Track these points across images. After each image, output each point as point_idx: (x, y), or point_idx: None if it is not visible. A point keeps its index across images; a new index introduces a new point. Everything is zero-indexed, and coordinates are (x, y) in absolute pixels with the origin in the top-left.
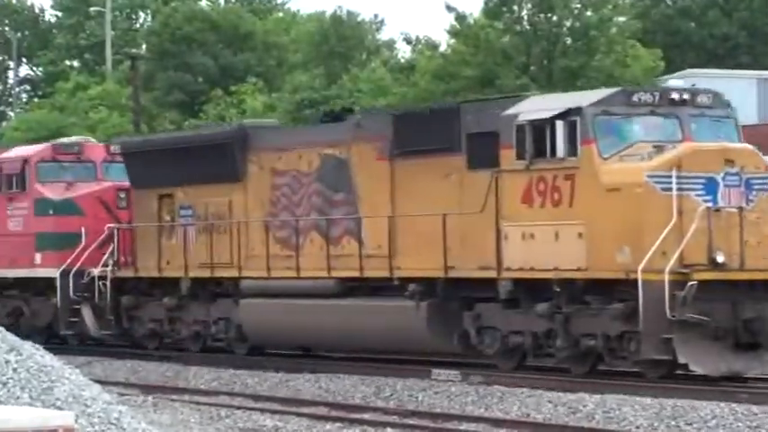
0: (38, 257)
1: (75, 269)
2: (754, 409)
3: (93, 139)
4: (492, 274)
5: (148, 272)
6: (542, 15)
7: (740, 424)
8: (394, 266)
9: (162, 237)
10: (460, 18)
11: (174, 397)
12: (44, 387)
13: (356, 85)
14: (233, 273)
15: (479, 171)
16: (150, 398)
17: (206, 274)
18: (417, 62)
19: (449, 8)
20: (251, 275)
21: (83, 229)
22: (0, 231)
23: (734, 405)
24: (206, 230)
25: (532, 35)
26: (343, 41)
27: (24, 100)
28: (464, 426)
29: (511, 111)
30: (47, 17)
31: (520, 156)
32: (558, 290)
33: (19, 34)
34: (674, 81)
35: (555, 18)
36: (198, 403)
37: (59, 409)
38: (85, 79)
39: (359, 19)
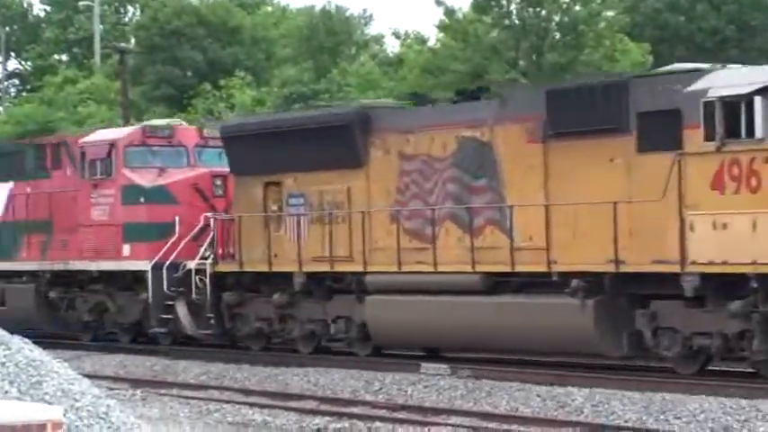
0: (126, 249)
1: (168, 262)
2: (743, 402)
3: (183, 122)
4: (673, 268)
5: (255, 266)
6: (531, 10)
7: (729, 418)
8: (551, 260)
9: (268, 228)
10: (449, 12)
11: (163, 391)
12: (33, 381)
13: (345, 80)
14: (356, 267)
15: (653, 154)
16: (139, 392)
17: (324, 268)
18: (406, 56)
19: (438, 2)
20: (378, 270)
21: (176, 219)
22: (82, 221)
23: (722, 399)
24: (320, 221)
25: (521, 30)
26: (332, 36)
27: (13, 94)
28: (453, 420)
29: (697, 86)
30: (35, 11)
31: (708, 137)
32: (756, 286)
33: (7, 28)
34: None
35: (544, 12)
36: (187, 397)
37: (48, 403)
38: (74, 73)
39: (348, 13)
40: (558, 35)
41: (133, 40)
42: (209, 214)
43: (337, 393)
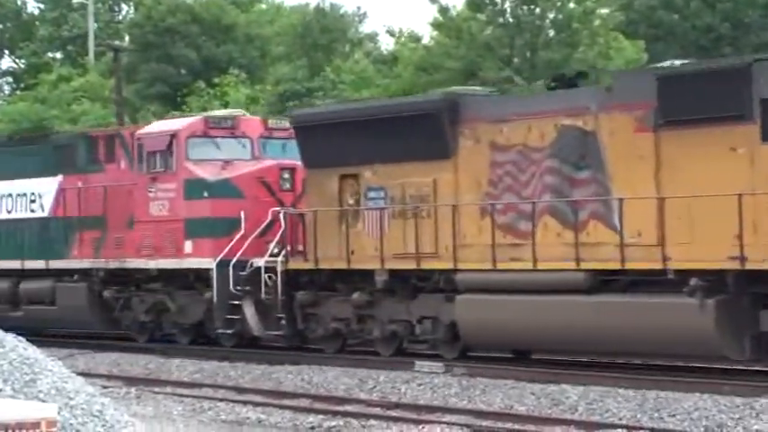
0: (188, 246)
1: (235, 259)
2: (737, 400)
3: (245, 112)
4: None
5: (332, 263)
6: (525, 7)
7: (723, 416)
8: (666, 257)
9: (344, 223)
10: (443, 10)
11: (157, 389)
12: (27, 380)
13: (339, 77)
14: (445, 264)
15: None
16: (133, 390)
17: (409, 265)
18: (400, 54)
19: (432, 0)
20: (470, 267)
21: (242, 214)
22: (140, 217)
23: (717, 397)
24: (403, 216)
25: (515, 27)
26: (327, 34)
27: (7, 92)
28: (447, 418)
29: None
30: (29, 9)
31: None
32: None
33: (1, 26)
34: None
35: (538, 10)
36: (181, 395)
37: (42, 401)
38: (68, 71)
39: (342, 11)
40: (552, 33)
41: (127, 38)
42: (278, 209)
43: (331, 391)
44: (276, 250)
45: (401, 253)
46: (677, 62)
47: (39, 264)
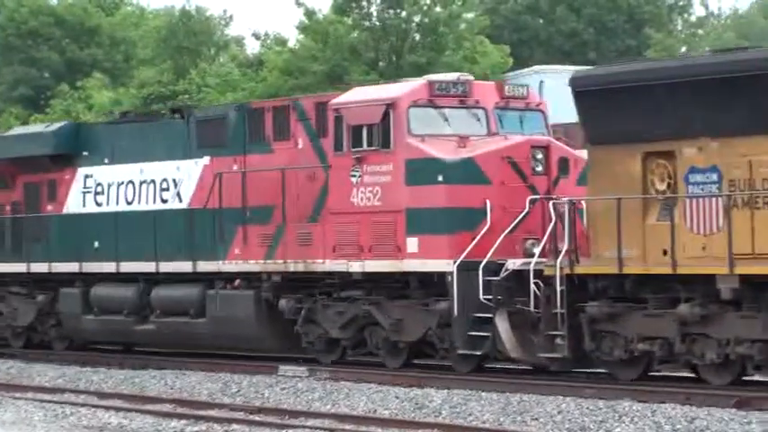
0: (411, 244)
1: (486, 261)
2: (600, 403)
3: (470, 76)
4: None
5: (646, 267)
6: (391, 11)
7: (586, 419)
8: None
9: (651, 215)
10: (310, 14)
11: (18, 395)
12: None
13: (204, 81)
14: None
15: None
16: None
17: (764, 270)
18: (266, 58)
19: (298, 4)
20: None
21: (487, 204)
22: (336, 207)
23: (580, 400)
24: (751, 205)
25: (381, 31)
26: (192, 37)
27: None
28: (311, 422)
29: None
30: None
31: None
32: None
33: None
34: None
35: (404, 14)
36: (42, 401)
37: None
38: None
39: (208, 14)
40: (418, 36)
41: None
42: (536, 197)
43: (194, 396)
44: (536, 250)
45: (748, 254)
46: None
47: (182, 266)
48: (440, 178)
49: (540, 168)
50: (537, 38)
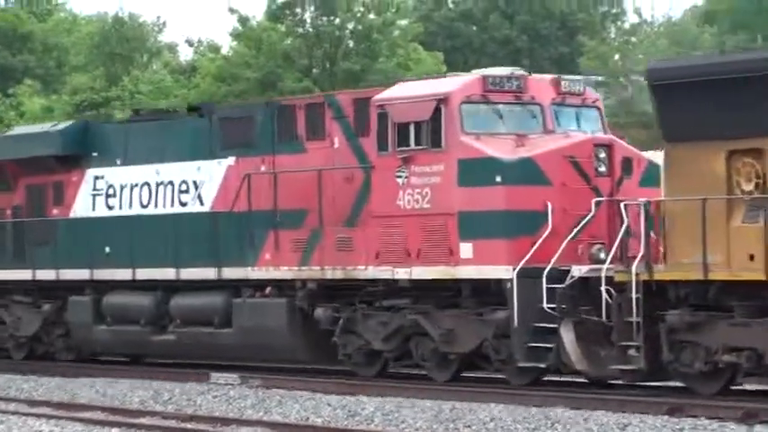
0: (465, 249)
1: (549, 267)
2: (533, 410)
3: (522, 70)
4: None
5: (731, 270)
6: (325, 18)
7: (519, 426)
8: None
9: (737, 218)
10: (243, 20)
11: None
12: None
13: (137, 87)
14: None
15: None
16: None
17: None
18: (199, 64)
19: (231, 10)
20: None
21: (549, 206)
22: (381, 210)
23: (512, 407)
24: None
25: (315, 38)
26: (125, 43)
27: None
28: (243, 429)
29: None
30: None
31: None
32: None
33: None
34: None
35: (338, 21)
36: None
37: None
38: None
39: (141, 20)
40: (351, 43)
41: None
42: (600, 199)
43: (126, 404)
44: (603, 255)
45: None
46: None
47: (206, 272)
48: (498, 179)
49: (602, 169)
50: (470, 45)
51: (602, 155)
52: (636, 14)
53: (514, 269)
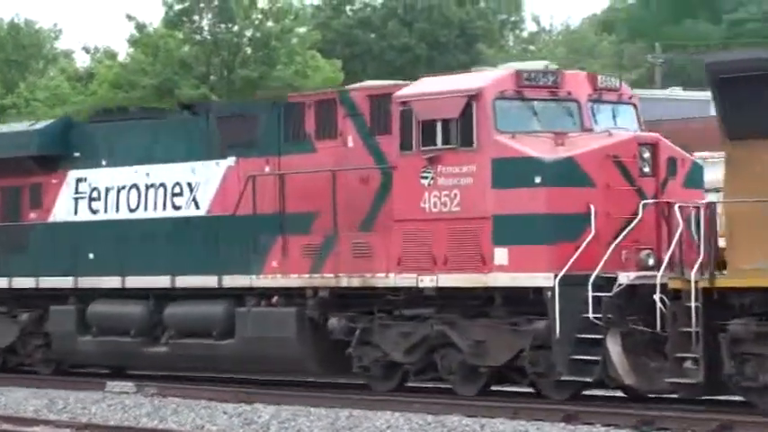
0: (500, 255)
1: (595, 274)
2: (428, 418)
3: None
4: None
5: None
6: (223, 26)
7: None
8: None
9: None
10: (140, 27)
11: None
12: None
13: (33, 94)
14: None
15: None
16: None
17: None
18: (96, 71)
19: (129, 17)
20: None
21: (592, 209)
22: (404, 214)
23: (409, 415)
24: None
25: (213, 45)
26: (21, 50)
27: None
28: None
29: None
30: None
31: None
32: None
33: None
34: None
35: (236, 28)
36: None
37: None
38: None
39: (37, 27)
40: (249, 51)
41: None
42: (648, 201)
43: (20, 412)
44: (651, 261)
45: None
46: None
47: (204, 280)
48: (537, 180)
49: (647, 169)
50: (369, 52)
51: (647, 154)
52: (534, 22)
53: (556, 276)
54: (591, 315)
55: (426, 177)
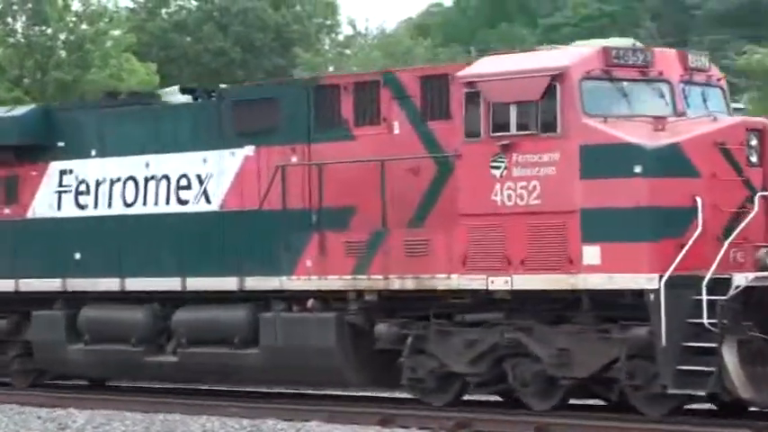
0: (591, 254)
1: (709, 276)
2: (245, 422)
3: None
4: None
5: None
6: (37, 28)
7: None
8: None
9: None
10: None
11: None
12: None
13: None
14: None
15: None
16: None
17: None
18: None
19: None
20: None
21: (698, 202)
22: (471, 208)
23: (224, 419)
24: None
25: (26, 48)
26: None
27: None
28: None
29: None
30: None
31: None
32: None
33: None
34: None
35: (50, 31)
36: None
37: None
38: None
39: None
40: (64, 53)
41: None
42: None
43: None
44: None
45: None
46: None
47: (223, 282)
48: (637, 170)
49: (754, 158)
50: (185, 56)
51: (754, 141)
52: (350, 26)
53: (661, 278)
54: (706, 321)
55: (498, 167)
